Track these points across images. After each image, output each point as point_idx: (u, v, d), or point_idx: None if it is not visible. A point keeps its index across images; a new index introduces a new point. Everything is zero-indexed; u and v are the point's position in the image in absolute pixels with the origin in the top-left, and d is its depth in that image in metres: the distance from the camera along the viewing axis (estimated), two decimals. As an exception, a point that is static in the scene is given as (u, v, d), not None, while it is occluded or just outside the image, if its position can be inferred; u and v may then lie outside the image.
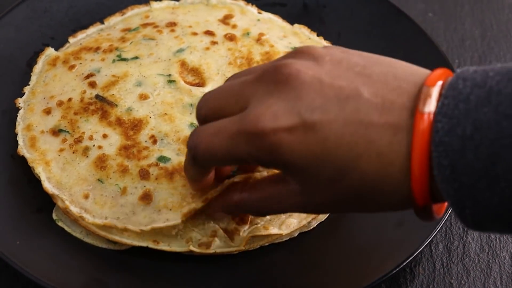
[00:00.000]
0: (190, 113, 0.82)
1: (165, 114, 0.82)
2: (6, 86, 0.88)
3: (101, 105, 0.82)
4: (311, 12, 0.99)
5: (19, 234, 0.76)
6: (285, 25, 0.94)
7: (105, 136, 0.80)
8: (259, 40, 0.89)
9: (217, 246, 0.75)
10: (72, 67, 0.87)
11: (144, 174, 0.77)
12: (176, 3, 0.96)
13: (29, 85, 0.86)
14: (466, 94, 0.53)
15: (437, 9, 1.07)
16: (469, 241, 0.80)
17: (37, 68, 0.88)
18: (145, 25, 0.92)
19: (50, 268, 0.73)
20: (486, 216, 0.53)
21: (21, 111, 0.84)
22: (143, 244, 0.75)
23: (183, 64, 0.86)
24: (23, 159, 0.81)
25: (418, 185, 0.55)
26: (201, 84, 0.85)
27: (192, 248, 0.75)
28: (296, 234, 0.78)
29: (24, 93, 0.86)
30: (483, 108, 0.52)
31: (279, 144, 0.57)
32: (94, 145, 0.79)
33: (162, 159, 0.78)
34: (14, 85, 0.89)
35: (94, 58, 0.87)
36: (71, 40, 0.92)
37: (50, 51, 0.90)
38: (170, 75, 0.85)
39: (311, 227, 0.78)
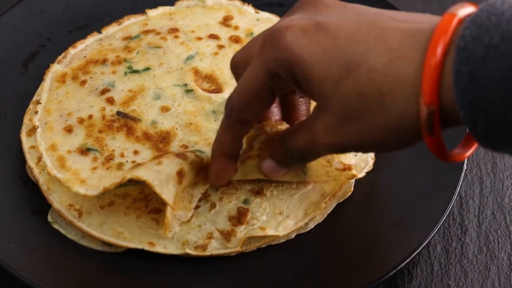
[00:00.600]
0: (215, 120, 0.82)
1: (190, 123, 0.81)
2: (2, 87, 0.88)
3: (125, 121, 0.82)
4: (309, 12, 0.98)
5: (14, 237, 0.75)
6: None
7: (136, 152, 0.79)
8: None
9: (214, 248, 0.75)
10: (83, 82, 0.86)
11: (180, 155, 0.74)
12: (172, 8, 0.96)
13: (40, 103, 0.85)
14: (501, 10, 0.52)
15: (436, 8, 1.06)
16: (467, 242, 0.80)
17: (46, 85, 0.87)
18: (146, 32, 0.92)
19: (45, 270, 0.73)
20: (499, 132, 0.52)
21: (39, 130, 0.82)
22: (139, 246, 0.75)
23: (196, 72, 0.86)
24: (18, 161, 0.81)
25: (428, 80, 0.54)
26: (218, 90, 0.85)
27: (188, 251, 0.74)
28: (293, 236, 0.77)
29: (30, 108, 0.85)
30: None
31: (292, 41, 0.60)
32: (127, 161, 0.78)
33: (197, 151, 0.77)
34: (10, 86, 0.88)
35: (104, 71, 0.87)
36: (72, 50, 0.91)
37: (56, 68, 0.88)
38: (186, 84, 0.85)
39: (308, 229, 0.78)
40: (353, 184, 0.81)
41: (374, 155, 0.82)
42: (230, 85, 0.85)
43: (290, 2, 0.97)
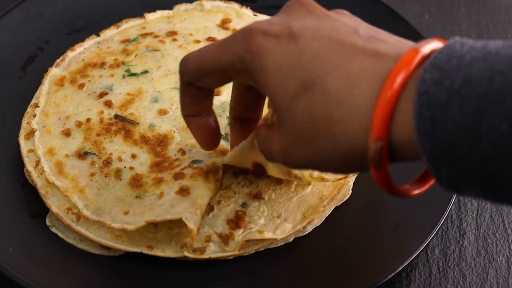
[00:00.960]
0: None
1: None
2: (0, 90, 0.88)
3: (123, 125, 0.82)
4: (307, 14, 0.98)
5: (12, 240, 0.75)
6: None
7: (133, 156, 0.79)
8: None
9: (212, 251, 0.75)
10: (81, 85, 0.86)
11: (178, 176, 0.76)
12: (170, 12, 0.96)
13: (38, 106, 0.85)
14: (461, 53, 0.52)
15: (434, 10, 1.06)
16: (465, 246, 0.80)
17: (44, 89, 0.86)
18: (144, 35, 0.92)
19: (43, 274, 0.73)
20: (463, 176, 0.51)
21: (37, 134, 0.82)
22: (137, 250, 0.75)
23: None
24: (17, 164, 0.81)
25: (380, 115, 0.53)
26: (217, 93, 0.85)
27: (186, 253, 0.74)
28: (291, 239, 0.77)
29: (28, 112, 0.85)
30: (477, 65, 0.50)
31: (262, 45, 0.59)
32: (125, 167, 0.78)
33: (195, 161, 0.78)
34: (8, 89, 0.88)
35: (102, 74, 0.87)
36: (70, 54, 0.91)
37: (54, 71, 0.88)
38: None
39: (306, 232, 0.78)
40: (351, 187, 0.81)
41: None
42: (228, 87, 0.85)
43: (288, 5, 0.98)
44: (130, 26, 0.94)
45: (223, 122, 0.82)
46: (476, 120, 0.49)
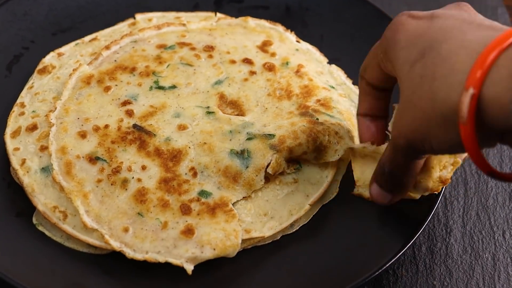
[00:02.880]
0: (230, 140, 0.80)
1: (205, 143, 0.80)
2: (-15, 89, 0.88)
3: (139, 135, 0.81)
4: (294, 15, 0.98)
5: (-1, 239, 0.75)
6: (322, 59, 0.92)
7: (144, 167, 0.78)
8: (298, 72, 0.88)
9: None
10: (107, 88, 0.85)
11: (185, 210, 0.75)
12: (214, 24, 0.94)
13: (60, 99, 0.84)
14: None
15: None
16: (451, 243, 0.80)
17: (70, 83, 0.86)
18: (181, 44, 0.90)
19: (30, 272, 0.72)
20: None
21: (53, 129, 0.81)
22: (124, 248, 0.74)
23: (221, 97, 0.85)
24: (2, 163, 0.81)
25: (477, 67, 0.56)
26: (240, 115, 0.84)
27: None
28: (279, 237, 0.77)
29: (14, 111, 0.84)
30: None
31: (403, 22, 0.66)
32: (133, 177, 0.77)
33: (203, 193, 0.77)
34: (-7, 89, 0.88)
35: (130, 81, 0.86)
36: (105, 53, 0.89)
37: (84, 68, 0.87)
38: (208, 107, 0.84)
39: (294, 230, 0.78)
40: (338, 185, 0.81)
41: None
42: (253, 111, 0.84)
43: (275, 4, 0.99)
44: (170, 31, 0.92)
45: (241, 138, 0.80)
46: None
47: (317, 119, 0.81)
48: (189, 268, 0.72)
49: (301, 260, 0.76)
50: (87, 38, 0.93)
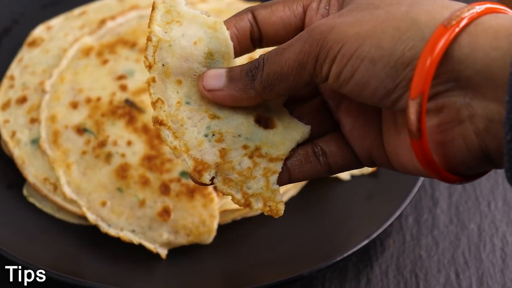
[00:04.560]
0: None
1: None
2: (-25, 63, 0.88)
3: (129, 110, 0.81)
4: None
5: (-10, 211, 0.76)
6: None
7: (129, 143, 0.79)
8: None
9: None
10: (105, 61, 0.85)
11: (164, 189, 0.76)
12: (222, 5, 0.93)
13: (57, 67, 0.84)
14: None
15: None
16: (438, 214, 0.81)
17: (69, 53, 0.86)
18: None
19: (21, 243, 0.73)
20: None
21: (46, 97, 0.82)
22: (114, 219, 0.75)
23: None
24: (-7, 136, 0.81)
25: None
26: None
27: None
28: (268, 208, 0.78)
29: (3, 83, 0.85)
30: None
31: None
32: (117, 152, 0.78)
33: (185, 174, 0.77)
34: (-17, 62, 0.88)
35: (128, 56, 0.86)
36: (109, 24, 0.89)
37: (85, 39, 0.87)
38: None
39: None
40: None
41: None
42: None
43: None
44: None
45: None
46: None
47: None
48: (163, 253, 0.73)
49: (290, 230, 0.76)
50: (76, 11, 0.93)
